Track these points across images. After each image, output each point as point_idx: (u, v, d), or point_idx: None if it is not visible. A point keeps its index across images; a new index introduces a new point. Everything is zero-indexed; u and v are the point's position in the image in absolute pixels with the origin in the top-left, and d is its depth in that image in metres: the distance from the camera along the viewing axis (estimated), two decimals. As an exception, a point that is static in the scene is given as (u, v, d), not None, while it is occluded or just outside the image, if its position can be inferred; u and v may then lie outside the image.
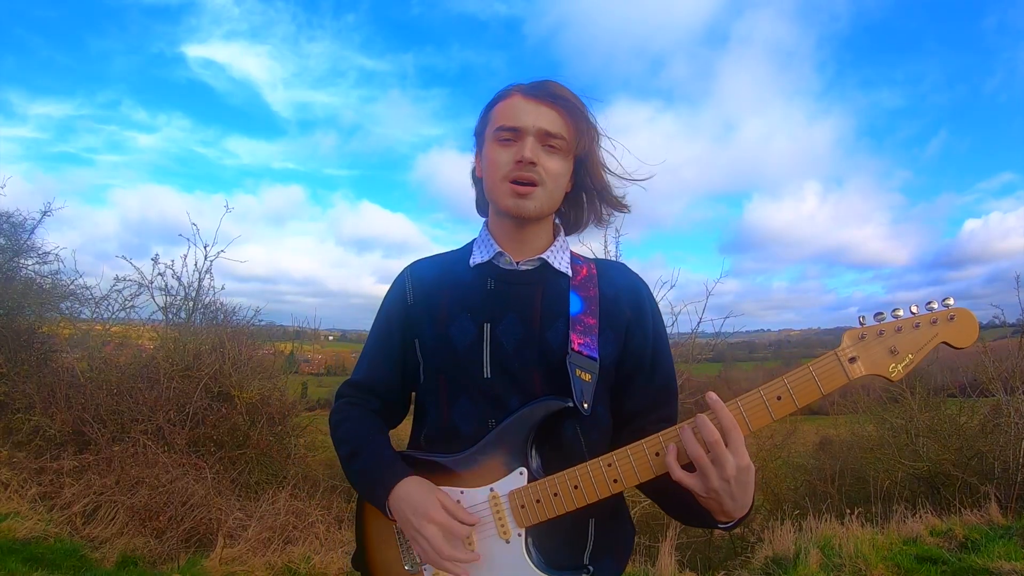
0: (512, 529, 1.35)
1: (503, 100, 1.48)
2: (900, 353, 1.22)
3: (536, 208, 1.45)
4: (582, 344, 1.42)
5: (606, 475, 1.31)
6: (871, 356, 1.23)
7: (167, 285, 8.60)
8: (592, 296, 1.49)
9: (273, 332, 9.94)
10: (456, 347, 1.45)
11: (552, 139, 1.43)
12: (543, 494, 1.33)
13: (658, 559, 5.88)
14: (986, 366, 8.93)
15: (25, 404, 7.06)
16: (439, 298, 1.52)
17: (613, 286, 1.53)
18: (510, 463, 1.37)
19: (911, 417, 9.03)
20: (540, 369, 1.42)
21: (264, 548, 5.34)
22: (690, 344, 8.85)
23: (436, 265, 1.60)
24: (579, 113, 1.47)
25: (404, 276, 1.61)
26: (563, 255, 1.55)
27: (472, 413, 1.44)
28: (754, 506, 1.30)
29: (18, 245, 8.67)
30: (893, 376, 1.22)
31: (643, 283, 1.59)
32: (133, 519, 5.52)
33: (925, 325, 1.21)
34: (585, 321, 1.45)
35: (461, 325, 1.46)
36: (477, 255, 1.55)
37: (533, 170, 1.42)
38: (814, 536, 5.92)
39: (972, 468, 8.07)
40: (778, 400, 1.24)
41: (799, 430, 11.34)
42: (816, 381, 1.23)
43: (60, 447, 6.63)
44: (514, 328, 1.44)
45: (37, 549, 4.95)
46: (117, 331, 9.13)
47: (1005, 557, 5.16)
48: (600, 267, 1.58)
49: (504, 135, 1.44)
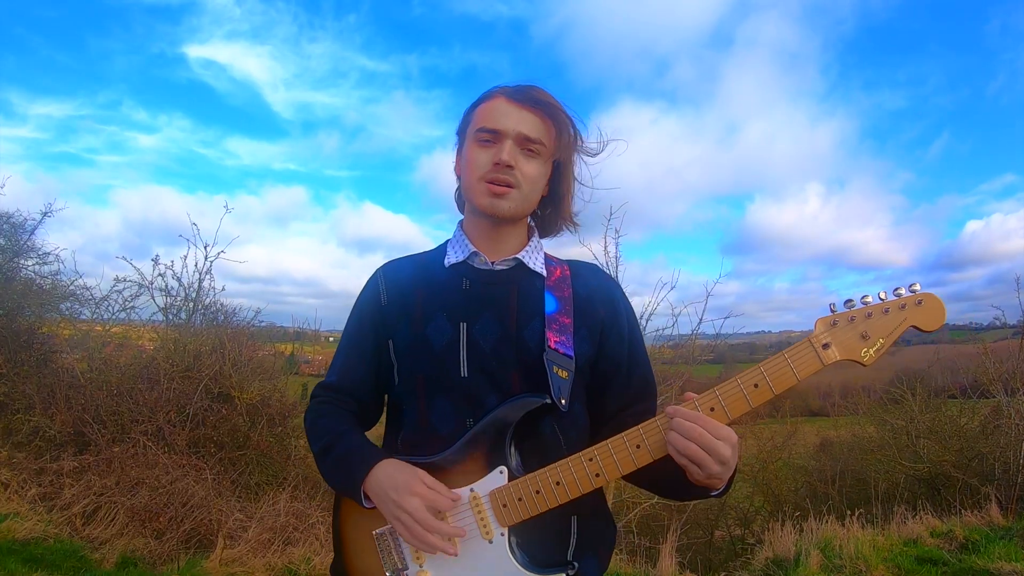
0: (495, 529, 1.35)
1: (486, 102, 1.49)
2: (871, 338, 1.24)
3: (510, 209, 1.46)
4: (558, 342, 1.43)
5: (588, 469, 1.31)
6: (843, 342, 1.25)
7: (167, 286, 8.60)
8: (566, 296, 1.51)
9: (273, 333, 9.94)
10: (433, 347, 1.45)
11: (531, 143, 1.45)
12: (525, 492, 1.33)
13: (659, 561, 5.89)
14: (987, 367, 8.94)
15: (25, 404, 7.04)
16: (414, 298, 1.52)
17: (586, 287, 1.55)
18: (490, 462, 1.37)
19: (912, 418, 9.04)
20: (517, 368, 1.43)
21: (264, 549, 5.34)
22: (690, 345, 8.85)
23: (410, 265, 1.61)
24: (560, 120, 1.48)
25: (377, 277, 1.60)
26: (537, 255, 1.57)
27: (450, 413, 1.44)
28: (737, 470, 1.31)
29: (18, 246, 8.65)
30: (865, 360, 1.24)
31: (616, 284, 1.62)
32: (133, 520, 5.51)
33: (894, 310, 1.24)
34: (560, 320, 1.46)
35: (438, 325, 1.46)
36: (452, 255, 1.55)
37: (510, 173, 1.43)
38: (814, 537, 5.93)
39: (972, 469, 8.08)
40: (755, 388, 1.25)
41: (800, 431, 11.36)
42: (791, 367, 1.25)
43: (60, 448, 6.62)
44: (491, 327, 1.45)
45: (37, 550, 4.95)
46: (117, 332, 9.12)
47: (1005, 558, 5.17)
48: (573, 268, 1.59)
49: (484, 136, 1.45)
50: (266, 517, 5.77)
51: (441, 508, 1.33)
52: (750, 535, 8.47)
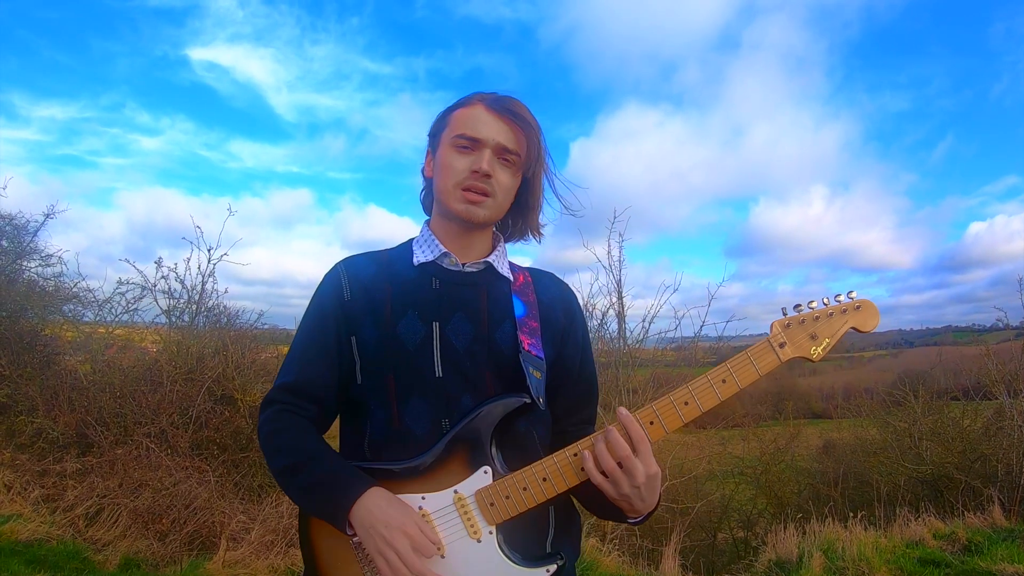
0: (483, 528, 1.35)
1: (464, 108, 1.49)
2: (819, 337, 1.41)
3: (485, 216, 1.48)
4: (531, 344, 1.48)
5: (573, 464, 1.37)
6: (796, 341, 1.41)
7: (170, 288, 8.63)
8: (532, 301, 1.55)
9: (276, 335, 9.94)
10: (406, 346, 1.43)
11: (508, 154, 1.47)
12: (512, 489, 1.36)
13: (662, 563, 5.89)
14: (989, 369, 8.94)
15: (28, 406, 7.06)
16: (381, 295, 1.48)
17: (548, 294, 1.61)
18: (473, 463, 1.37)
19: (914, 420, 9.04)
20: (491, 368, 1.45)
21: (267, 551, 5.34)
22: (693, 348, 8.86)
23: (373, 261, 1.56)
24: (534, 136, 1.50)
25: (338, 271, 1.54)
26: (505, 260, 1.60)
27: (424, 413, 1.42)
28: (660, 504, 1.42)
29: (21, 247, 8.68)
30: (814, 357, 1.41)
31: (572, 292, 1.69)
32: (136, 522, 5.53)
33: (836, 314, 1.42)
34: (529, 324, 1.51)
35: (409, 323, 1.44)
36: (420, 254, 1.53)
37: (487, 182, 1.45)
38: (817, 539, 5.92)
39: (975, 471, 8.07)
40: (723, 383, 1.39)
41: (802, 434, 11.36)
42: (753, 364, 1.40)
43: (63, 449, 6.64)
44: (463, 328, 1.46)
45: (40, 551, 4.96)
46: (120, 334, 9.13)
47: (1008, 559, 5.16)
48: (534, 275, 1.64)
49: (463, 143, 1.46)
50: (269, 519, 5.78)
51: (425, 553, 1.29)
52: (753, 537, 8.47)
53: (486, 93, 1.51)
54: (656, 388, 8.12)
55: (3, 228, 8.61)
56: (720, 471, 9.89)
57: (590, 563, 5.53)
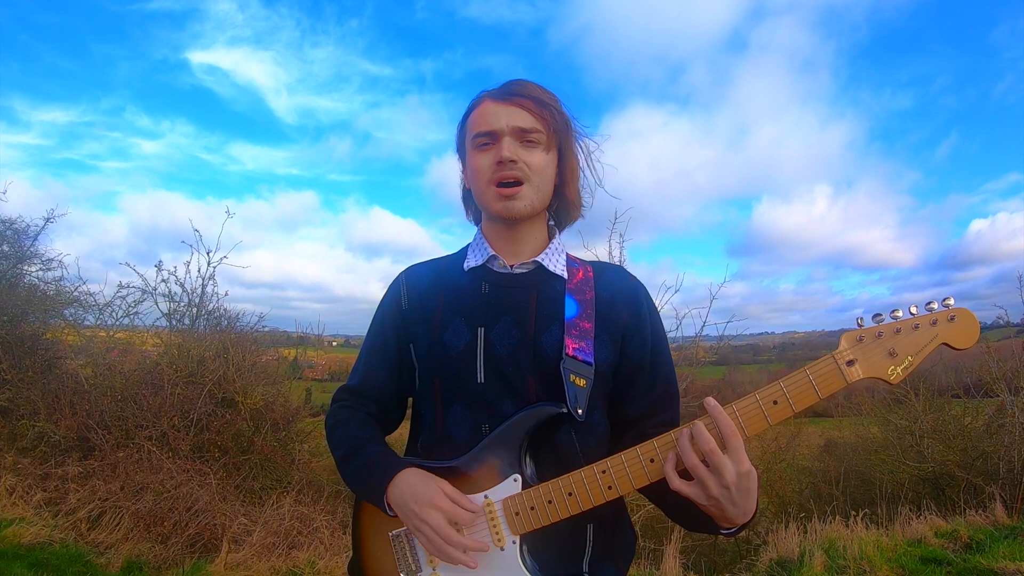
0: (507, 536, 1.34)
1: (475, 109, 1.49)
2: (899, 355, 1.18)
3: (525, 207, 1.45)
4: (577, 349, 1.40)
5: (600, 482, 1.30)
6: (869, 359, 1.19)
7: (171, 291, 8.65)
8: (588, 299, 1.47)
9: (277, 338, 9.96)
10: (450, 352, 1.44)
11: (528, 134, 1.43)
12: (537, 501, 1.32)
13: (662, 563, 5.88)
14: (990, 366, 8.92)
15: (30, 410, 7.07)
16: (434, 303, 1.51)
17: (610, 289, 1.51)
18: (504, 470, 1.36)
19: (915, 418, 9.02)
20: (534, 374, 1.41)
21: (269, 553, 5.35)
22: (694, 347, 8.85)
23: (431, 270, 1.60)
24: (548, 105, 1.46)
25: (399, 281, 1.60)
26: (558, 257, 1.54)
27: (466, 419, 1.43)
28: (759, 510, 1.27)
29: (21, 251, 8.70)
30: (892, 379, 1.19)
31: (641, 286, 1.57)
32: (138, 524, 5.53)
33: (925, 326, 1.18)
34: (581, 325, 1.43)
35: (455, 330, 1.46)
36: (471, 259, 1.54)
37: (515, 168, 1.42)
38: (819, 538, 5.92)
39: (977, 469, 8.06)
40: (775, 405, 1.21)
41: (803, 432, 11.34)
42: (814, 385, 1.20)
43: (65, 453, 6.65)
44: (508, 332, 1.43)
45: (42, 554, 4.96)
46: (121, 337, 9.14)
47: (1010, 557, 5.15)
48: (597, 270, 1.56)
49: (481, 141, 1.45)
50: (270, 521, 5.79)
51: (461, 522, 1.32)
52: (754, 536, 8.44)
53: (492, 88, 1.50)
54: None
55: (3, 232, 8.63)
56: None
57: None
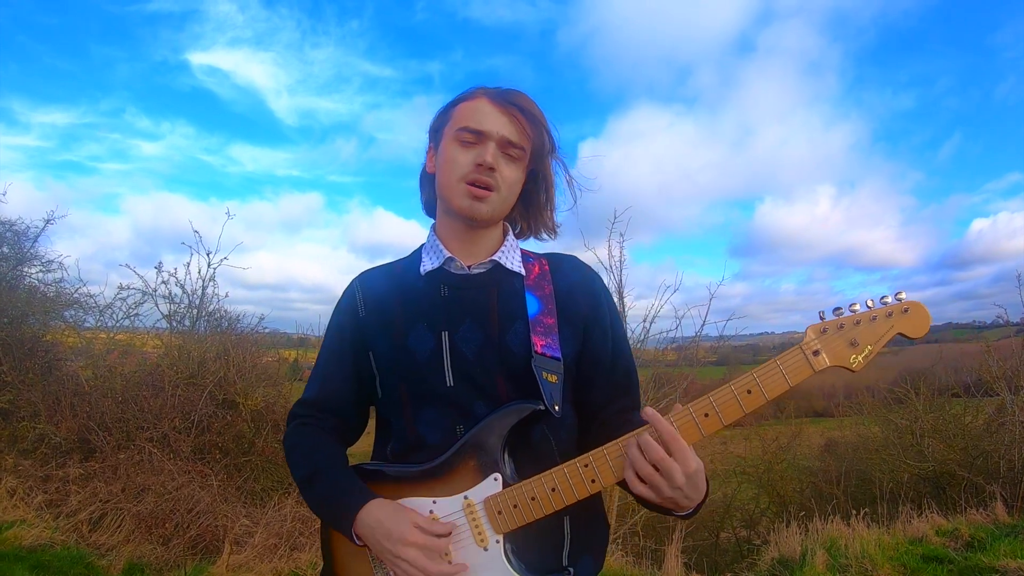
0: (490, 536, 1.33)
1: (467, 101, 1.46)
2: (860, 345, 1.27)
3: (489, 212, 1.44)
4: (544, 345, 1.41)
5: (583, 476, 1.30)
6: (833, 349, 1.27)
7: (171, 293, 8.64)
8: (548, 294, 1.48)
9: (277, 339, 9.96)
10: (416, 358, 1.43)
11: (512, 148, 1.43)
12: (520, 499, 1.32)
13: (664, 562, 5.89)
14: (990, 366, 8.95)
15: (30, 412, 7.06)
16: (392, 309, 1.49)
17: (567, 281, 1.52)
18: (483, 470, 1.35)
19: (916, 418, 9.03)
20: (503, 374, 1.40)
21: (271, 554, 5.34)
22: (694, 347, 8.84)
23: (386, 275, 1.57)
24: (540, 128, 1.46)
25: (353, 288, 1.57)
26: (514, 254, 1.54)
27: (438, 423, 1.41)
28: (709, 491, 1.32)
29: (21, 253, 8.68)
30: (854, 367, 1.27)
31: (597, 276, 1.58)
32: (139, 526, 5.53)
33: (881, 318, 1.27)
34: (544, 321, 1.44)
35: (419, 335, 1.44)
36: (427, 262, 1.52)
37: (492, 176, 1.41)
38: (820, 537, 5.92)
39: (977, 468, 8.07)
40: (748, 393, 1.27)
41: (804, 432, 11.37)
42: (783, 374, 1.27)
43: (66, 455, 6.65)
44: (473, 334, 1.42)
45: (43, 556, 4.96)
46: (121, 339, 9.12)
47: (1011, 555, 5.16)
48: (552, 262, 1.56)
49: (466, 136, 1.42)
50: (272, 522, 5.79)
51: (438, 552, 1.31)
52: (756, 536, 8.46)
53: (490, 87, 1.48)
54: (658, 388, 8.10)
55: (4, 234, 8.61)
56: (722, 470, 9.88)
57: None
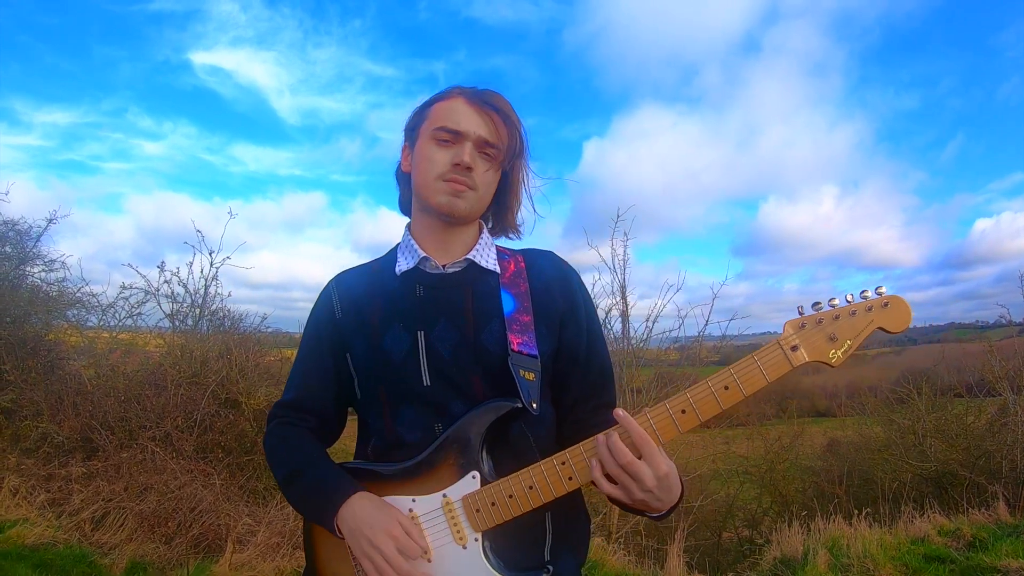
0: (468, 534, 1.34)
1: (444, 101, 1.47)
2: (839, 340, 1.25)
3: (466, 209, 1.45)
4: (521, 343, 1.41)
5: (560, 473, 1.31)
6: (812, 343, 1.26)
7: (173, 292, 8.65)
8: (523, 292, 1.48)
9: (280, 339, 9.96)
10: (392, 358, 1.43)
11: (488, 148, 1.44)
12: (498, 497, 1.32)
13: (666, 562, 5.89)
14: (992, 366, 8.94)
15: (33, 411, 7.08)
16: (369, 309, 1.49)
17: (543, 277, 1.53)
18: (461, 468, 1.35)
19: (918, 418, 9.03)
20: (479, 372, 1.41)
21: (273, 553, 5.35)
22: (696, 347, 8.83)
23: (362, 275, 1.58)
24: (514, 129, 1.48)
25: (330, 290, 1.57)
26: (489, 251, 1.54)
27: (416, 422, 1.42)
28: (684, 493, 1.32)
29: (24, 253, 8.70)
30: (833, 361, 1.26)
31: (572, 271, 1.59)
32: (142, 525, 5.53)
33: (861, 312, 1.26)
34: (520, 319, 1.44)
35: (395, 335, 1.44)
36: (402, 262, 1.52)
37: (468, 175, 1.42)
38: (822, 537, 5.92)
39: (980, 468, 8.06)
40: (725, 390, 1.26)
41: (807, 432, 11.36)
42: (761, 370, 1.26)
43: (68, 454, 6.66)
44: (448, 333, 1.43)
45: (46, 555, 4.97)
46: (124, 338, 9.14)
47: (1013, 555, 5.16)
48: (528, 258, 1.57)
49: (443, 136, 1.43)
50: (274, 521, 5.79)
51: (410, 554, 1.30)
52: (758, 536, 8.45)
53: (466, 87, 1.49)
54: (660, 387, 8.11)
55: (6, 234, 8.63)
56: (725, 470, 9.87)
57: (595, 562, 5.53)
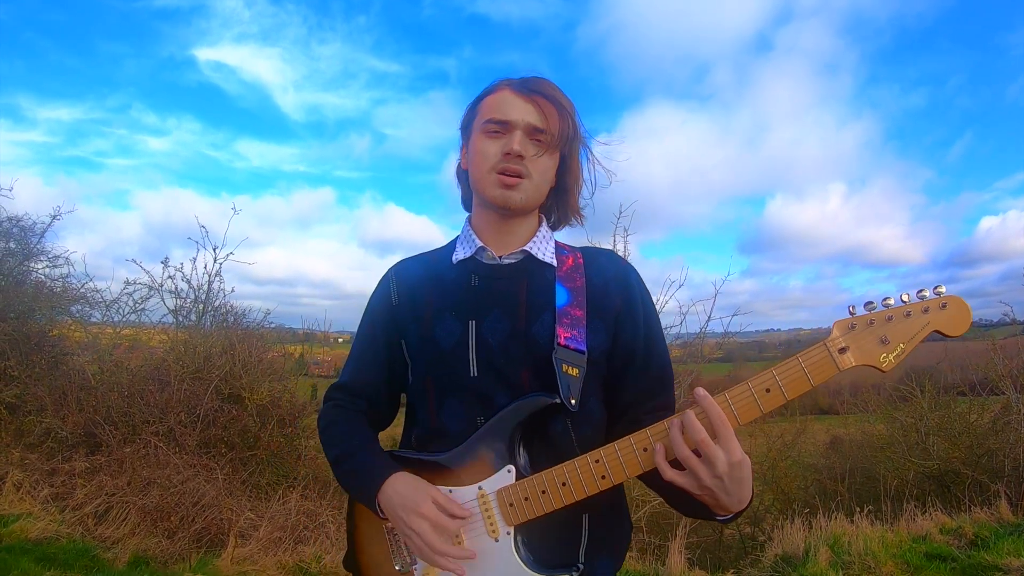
0: (501, 527, 1.34)
1: (492, 94, 1.48)
2: (891, 343, 1.17)
3: (522, 200, 1.44)
4: (568, 337, 1.39)
5: (594, 471, 1.29)
6: (861, 346, 1.18)
7: (177, 288, 8.68)
8: (579, 286, 1.47)
9: (283, 334, 9.98)
10: (442, 347, 1.44)
11: (539, 134, 1.44)
12: (531, 492, 1.32)
13: (668, 558, 5.88)
14: (996, 364, 8.90)
15: (37, 406, 7.11)
16: (423, 297, 1.50)
17: (601, 275, 1.50)
18: (498, 461, 1.35)
19: (921, 416, 9.00)
20: (527, 365, 1.40)
21: (275, 548, 5.37)
22: (699, 344, 8.83)
23: (420, 264, 1.59)
24: (566, 112, 1.47)
25: (389, 276, 1.59)
26: (547, 245, 1.53)
27: (460, 413, 1.42)
28: (754, 497, 1.25)
29: (28, 249, 8.73)
30: (884, 367, 1.18)
31: (632, 270, 1.56)
32: (145, 519, 5.56)
33: (916, 314, 1.17)
34: (572, 313, 1.43)
35: (446, 324, 1.45)
36: (459, 251, 1.53)
37: (520, 163, 1.42)
38: (824, 534, 5.91)
39: (982, 466, 8.04)
40: (767, 393, 1.20)
41: (809, 429, 11.32)
42: (806, 373, 1.19)
43: (72, 449, 6.69)
44: (499, 324, 1.42)
45: (49, 549, 4.99)
46: (128, 334, 9.18)
47: (1015, 554, 5.15)
48: (587, 256, 1.55)
49: (493, 128, 1.44)
50: (277, 516, 5.82)
51: (447, 531, 1.32)
52: (760, 533, 8.44)
53: (512, 78, 1.49)
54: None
55: (10, 230, 8.66)
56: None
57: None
